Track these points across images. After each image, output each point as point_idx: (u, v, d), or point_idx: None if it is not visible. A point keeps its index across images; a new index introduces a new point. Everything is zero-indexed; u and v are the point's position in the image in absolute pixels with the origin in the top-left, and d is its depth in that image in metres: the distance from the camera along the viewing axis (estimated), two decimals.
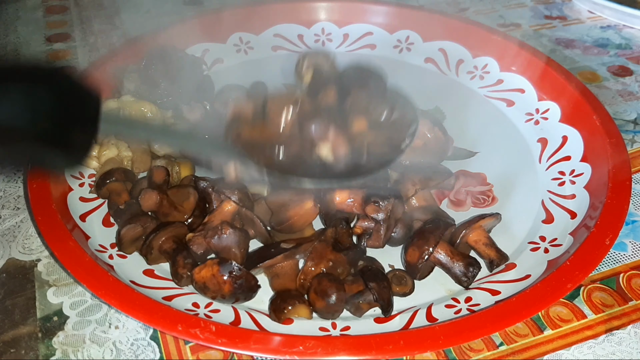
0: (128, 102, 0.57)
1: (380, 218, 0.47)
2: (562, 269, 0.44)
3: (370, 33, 0.78)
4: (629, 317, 0.45)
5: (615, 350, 0.43)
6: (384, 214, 0.47)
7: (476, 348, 0.43)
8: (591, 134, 0.58)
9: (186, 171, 0.55)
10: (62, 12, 0.90)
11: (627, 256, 0.50)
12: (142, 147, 0.56)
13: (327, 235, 0.48)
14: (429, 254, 0.45)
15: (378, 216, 0.47)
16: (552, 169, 0.59)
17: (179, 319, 0.40)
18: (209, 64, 0.73)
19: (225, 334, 0.39)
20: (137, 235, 0.48)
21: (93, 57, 0.78)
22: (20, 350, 0.43)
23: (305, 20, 0.78)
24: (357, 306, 0.44)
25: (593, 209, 0.51)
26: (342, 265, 0.46)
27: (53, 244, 0.45)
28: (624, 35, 0.83)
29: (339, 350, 0.38)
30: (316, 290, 0.44)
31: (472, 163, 0.60)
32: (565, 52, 0.79)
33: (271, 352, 0.38)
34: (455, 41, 0.74)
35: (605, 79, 0.74)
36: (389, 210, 0.47)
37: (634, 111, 0.68)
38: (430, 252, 0.45)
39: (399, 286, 0.46)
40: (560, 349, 0.43)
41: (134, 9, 0.90)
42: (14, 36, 0.84)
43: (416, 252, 0.46)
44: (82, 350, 0.43)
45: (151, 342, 0.44)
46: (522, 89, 0.68)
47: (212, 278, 0.44)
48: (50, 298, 0.47)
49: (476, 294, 0.46)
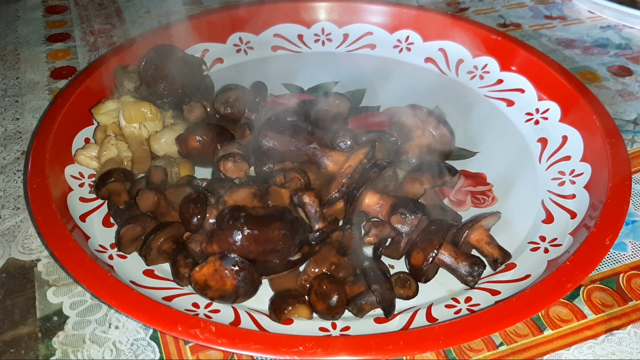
0: (128, 102, 0.57)
1: (404, 230, 0.46)
2: (562, 269, 0.43)
3: (370, 33, 0.78)
4: (628, 317, 0.45)
5: (615, 350, 0.43)
6: (408, 227, 0.46)
7: (476, 348, 0.43)
8: (591, 134, 0.58)
9: (185, 171, 0.55)
10: (62, 12, 0.90)
11: (627, 256, 0.50)
12: (143, 147, 0.56)
13: (332, 238, 0.48)
14: (434, 256, 0.45)
15: (402, 228, 0.46)
16: (552, 168, 0.59)
17: (178, 319, 0.40)
18: (208, 64, 0.73)
19: (225, 334, 0.39)
20: (136, 235, 0.48)
21: (93, 57, 0.78)
22: (20, 350, 0.43)
23: (305, 20, 0.78)
24: (359, 307, 0.44)
25: (593, 209, 0.51)
26: (345, 269, 0.46)
27: (53, 244, 0.45)
28: (624, 35, 0.83)
29: (339, 350, 0.38)
30: (317, 292, 0.44)
31: (472, 163, 0.60)
32: (565, 52, 0.79)
33: (271, 352, 0.38)
34: (455, 41, 0.74)
35: (605, 79, 0.74)
36: (414, 224, 0.46)
37: (633, 111, 0.68)
38: (434, 255, 0.45)
39: (403, 289, 0.46)
40: (560, 349, 0.43)
41: (133, 9, 0.90)
42: (14, 36, 0.84)
43: (420, 255, 0.45)
44: (82, 350, 0.43)
45: (151, 342, 0.44)
46: (522, 89, 0.68)
47: (214, 274, 0.43)
48: (50, 298, 0.47)
49: (476, 294, 0.46)
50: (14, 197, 0.57)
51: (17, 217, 0.55)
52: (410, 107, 0.58)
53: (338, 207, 0.49)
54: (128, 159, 0.57)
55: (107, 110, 0.58)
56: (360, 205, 0.48)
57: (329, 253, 0.46)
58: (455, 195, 0.56)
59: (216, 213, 0.46)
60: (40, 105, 0.70)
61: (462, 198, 0.56)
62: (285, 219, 0.45)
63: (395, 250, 0.48)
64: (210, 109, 0.60)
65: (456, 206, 0.55)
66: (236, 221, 0.44)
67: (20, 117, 0.68)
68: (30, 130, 0.66)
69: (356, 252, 0.47)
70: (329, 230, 0.47)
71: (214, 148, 0.54)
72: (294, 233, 0.45)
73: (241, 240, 0.43)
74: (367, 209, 0.49)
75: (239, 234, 0.43)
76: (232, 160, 0.50)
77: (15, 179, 0.59)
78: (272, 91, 0.68)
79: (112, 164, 0.55)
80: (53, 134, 0.55)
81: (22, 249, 0.52)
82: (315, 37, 0.78)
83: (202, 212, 0.46)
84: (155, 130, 0.58)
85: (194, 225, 0.46)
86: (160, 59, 0.60)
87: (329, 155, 0.50)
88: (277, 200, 0.48)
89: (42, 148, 0.54)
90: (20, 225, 0.54)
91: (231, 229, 0.44)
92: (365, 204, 0.48)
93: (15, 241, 0.52)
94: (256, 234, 0.44)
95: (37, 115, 0.68)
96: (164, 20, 0.87)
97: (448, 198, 0.56)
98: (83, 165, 0.57)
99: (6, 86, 0.73)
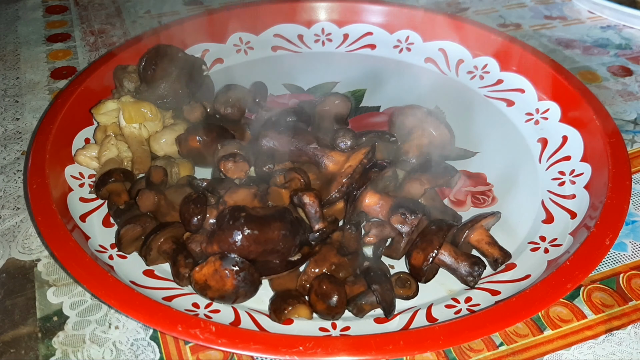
0: (128, 102, 0.57)
1: (404, 231, 0.46)
2: (562, 269, 0.43)
3: (370, 33, 0.78)
4: (629, 318, 0.45)
5: (615, 350, 0.43)
6: (409, 227, 0.46)
7: (476, 348, 0.43)
8: (591, 134, 0.58)
9: (185, 171, 0.55)
10: (62, 12, 0.90)
11: (627, 256, 0.50)
12: (143, 147, 0.56)
13: (333, 239, 0.47)
14: (434, 256, 0.45)
15: (402, 228, 0.46)
16: (552, 168, 0.59)
17: (179, 319, 0.40)
18: (208, 64, 0.73)
19: (225, 334, 0.39)
20: (136, 236, 0.48)
21: (93, 57, 0.78)
22: (20, 351, 0.43)
23: (305, 20, 0.78)
24: (359, 307, 0.44)
25: (593, 209, 0.51)
26: (345, 270, 0.46)
27: (53, 244, 0.45)
28: (624, 36, 0.83)
29: (339, 350, 0.38)
30: (317, 292, 0.44)
31: (472, 163, 0.60)
32: (565, 52, 0.79)
33: (271, 352, 0.38)
34: (455, 41, 0.74)
35: (605, 79, 0.74)
36: (414, 225, 0.46)
37: (633, 111, 0.68)
38: (434, 255, 0.45)
39: (403, 289, 0.46)
40: (560, 349, 0.43)
41: (133, 9, 0.90)
42: (14, 36, 0.84)
43: (421, 255, 0.45)
44: (82, 351, 0.43)
45: (151, 342, 0.44)
46: (522, 89, 0.68)
47: (214, 274, 0.43)
48: (50, 298, 0.47)
49: (476, 294, 0.46)
50: (14, 197, 0.57)
51: (17, 217, 0.55)
52: (410, 108, 0.58)
53: (338, 207, 0.49)
54: (128, 159, 0.57)
55: (107, 110, 0.57)
56: (360, 205, 0.48)
57: (329, 253, 0.46)
58: (455, 195, 0.56)
59: (216, 213, 0.46)
60: (40, 105, 0.70)
61: (462, 198, 0.56)
62: (285, 219, 0.45)
63: (395, 251, 0.48)
64: (210, 109, 0.60)
65: (456, 206, 0.55)
66: (236, 221, 0.44)
67: (20, 117, 0.68)
68: (30, 130, 0.66)
69: (356, 252, 0.47)
70: (329, 230, 0.47)
71: (214, 148, 0.54)
72: (294, 233, 0.45)
73: (241, 241, 0.43)
74: (367, 209, 0.49)
75: (239, 234, 0.43)
76: (232, 161, 0.50)
77: (15, 179, 0.59)
78: (272, 91, 0.68)
79: (112, 164, 0.55)
80: (53, 134, 0.55)
81: (22, 249, 0.52)
82: (315, 37, 0.78)
83: (202, 213, 0.46)
84: (156, 130, 0.58)
85: (194, 226, 0.46)
86: (160, 58, 0.60)
87: (329, 155, 0.50)
88: (277, 200, 0.48)
89: (42, 148, 0.54)
90: (20, 225, 0.54)
91: (231, 229, 0.44)
92: (365, 204, 0.48)
93: (16, 241, 0.52)
94: (256, 234, 0.44)
95: (37, 115, 0.68)
96: (164, 20, 0.87)
97: (448, 198, 0.56)
98: (83, 166, 0.57)
99: (6, 86, 0.73)
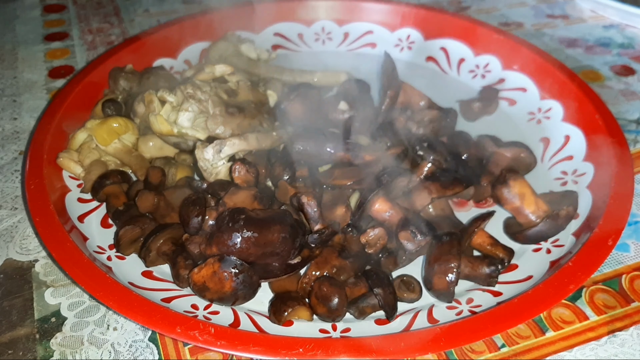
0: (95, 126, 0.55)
1: (409, 248, 0.46)
2: (564, 270, 0.43)
3: (371, 32, 0.78)
4: (631, 319, 0.45)
5: (618, 352, 0.43)
6: (415, 246, 0.45)
7: (478, 350, 0.43)
8: (594, 134, 0.57)
9: (183, 173, 0.55)
10: (60, 11, 0.90)
11: (630, 257, 0.50)
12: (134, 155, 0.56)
13: (334, 241, 0.47)
14: (458, 275, 0.44)
15: (407, 245, 0.46)
16: (555, 168, 0.58)
17: (177, 320, 0.39)
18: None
19: (225, 336, 0.39)
20: (135, 237, 0.48)
21: (91, 56, 0.78)
22: (18, 352, 0.43)
23: (305, 18, 0.78)
24: (361, 310, 0.44)
25: (595, 209, 0.50)
26: (346, 272, 0.46)
27: (51, 245, 0.45)
28: (627, 35, 0.82)
29: (339, 352, 0.38)
30: (317, 294, 0.43)
31: None
32: (568, 51, 0.79)
33: (271, 354, 0.38)
34: (456, 40, 0.73)
35: (607, 78, 0.73)
36: (420, 245, 0.45)
37: (636, 111, 0.67)
38: (459, 274, 0.44)
39: (407, 292, 0.45)
40: (562, 351, 0.43)
41: (132, 8, 0.90)
42: (12, 35, 0.83)
43: (444, 280, 0.44)
44: (80, 352, 0.43)
45: (150, 344, 0.43)
46: (524, 88, 0.67)
47: (213, 276, 0.43)
48: (48, 299, 0.47)
49: (478, 295, 0.46)
50: (12, 197, 0.57)
51: (14, 218, 0.55)
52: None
53: (339, 211, 0.49)
54: (111, 162, 0.56)
55: (80, 142, 0.56)
56: (370, 209, 0.48)
57: (330, 256, 0.46)
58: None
59: (216, 215, 0.46)
60: (38, 105, 0.69)
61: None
62: (285, 222, 0.45)
63: (392, 264, 0.47)
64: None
65: (458, 206, 0.55)
66: (235, 223, 0.43)
67: (17, 117, 0.67)
68: (28, 130, 0.65)
69: (357, 255, 0.47)
70: (330, 232, 0.47)
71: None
72: (294, 236, 0.45)
73: (240, 243, 0.43)
74: (375, 214, 0.48)
75: (238, 237, 0.43)
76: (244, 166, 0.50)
77: (13, 179, 0.59)
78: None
79: (97, 166, 0.54)
80: (51, 133, 0.55)
81: (19, 249, 0.51)
82: (315, 36, 0.78)
83: (202, 214, 0.45)
84: (133, 139, 0.56)
85: (193, 227, 0.45)
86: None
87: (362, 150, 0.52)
88: (284, 196, 0.48)
89: (40, 148, 0.53)
90: (18, 225, 0.54)
91: (230, 231, 0.43)
92: (375, 209, 0.48)
93: (13, 242, 0.52)
94: (255, 236, 0.43)
95: (34, 115, 0.68)
96: (163, 19, 0.86)
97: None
98: (65, 170, 0.55)
99: (4, 86, 0.73)
